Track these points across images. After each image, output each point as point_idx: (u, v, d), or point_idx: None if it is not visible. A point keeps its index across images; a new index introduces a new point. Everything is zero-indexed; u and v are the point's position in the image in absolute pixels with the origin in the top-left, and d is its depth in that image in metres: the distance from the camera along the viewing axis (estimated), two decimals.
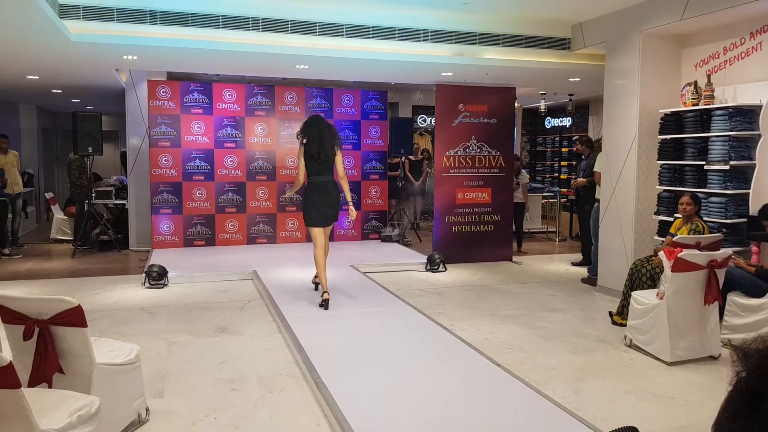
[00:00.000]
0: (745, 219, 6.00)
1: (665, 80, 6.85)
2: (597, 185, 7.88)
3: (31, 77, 9.22)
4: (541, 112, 13.83)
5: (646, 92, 6.78)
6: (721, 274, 4.94)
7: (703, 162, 6.31)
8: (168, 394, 4.18)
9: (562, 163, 14.98)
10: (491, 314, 6.31)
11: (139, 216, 10.10)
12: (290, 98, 10.13)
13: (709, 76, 6.42)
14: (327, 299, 6.12)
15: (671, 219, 6.37)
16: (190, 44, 6.89)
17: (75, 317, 3.13)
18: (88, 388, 3.17)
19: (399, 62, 7.76)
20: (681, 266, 4.75)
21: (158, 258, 8.32)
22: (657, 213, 6.79)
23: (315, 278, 6.79)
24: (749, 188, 5.91)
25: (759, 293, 5.12)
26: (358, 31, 7.32)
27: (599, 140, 8.49)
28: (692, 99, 6.50)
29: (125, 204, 10.46)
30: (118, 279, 7.89)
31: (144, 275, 7.46)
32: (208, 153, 9.76)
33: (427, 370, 4.51)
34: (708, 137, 6.29)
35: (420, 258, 8.89)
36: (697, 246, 5.16)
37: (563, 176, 14.70)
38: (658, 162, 6.80)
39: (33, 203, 13.20)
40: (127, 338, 4.67)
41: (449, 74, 8.68)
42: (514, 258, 9.45)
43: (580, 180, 8.68)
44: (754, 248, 5.87)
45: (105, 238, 10.15)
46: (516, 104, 10.33)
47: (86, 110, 11.13)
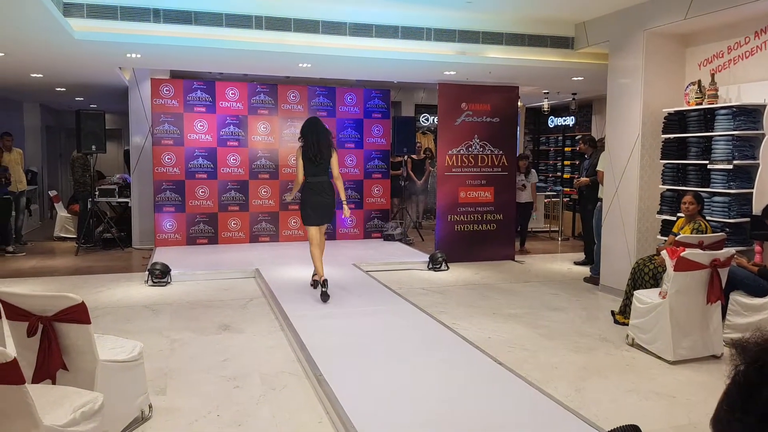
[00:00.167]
0: (749, 218, 5.99)
1: (669, 79, 6.84)
2: (600, 184, 7.88)
3: (35, 75, 9.24)
4: (544, 111, 13.82)
5: (650, 91, 6.77)
6: (724, 274, 4.94)
7: (707, 161, 6.30)
8: (171, 392, 4.19)
9: (565, 163, 14.96)
10: (493, 313, 6.32)
11: (142, 214, 10.12)
12: (293, 97, 10.13)
13: (713, 76, 6.41)
14: (325, 280, 6.49)
15: (674, 218, 6.36)
16: (194, 42, 6.90)
17: (79, 314, 3.14)
18: (92, 385, 3.18)
19: (402, 61, 7.77)
20: (684, 265, 4.75)
21: (161, 256, 8.34)
22: (660, 212, 6.79)
23: (313, 278, 6.89)
24: (752, 188, 5.90)
25: (762, 293, 5.11)
26: (361, 30, 7.32)
27: (602, 139, 8.49)
28: (696, 98, 6.49)
29: (128, 202, 10.48)
30: (121, 277, 7.91)
31: (147, 273, 7.48)
32: (211, 151, 9.77)
33: (429, 369, 4.52)
34: (711, 136, 6.28)
35: (422, 257, 8.89)
36: (700, 245, 5.16)
37: (566, 175, 14.68)
38: (662, 161, 6.79)
39: (36, 201, 13.23)
40: (130, 335, 4.69)
41: (452, 73, 8.68)
42: (517, 257, 9.45)
43: (583, 179, 8.67)
44: (757, 248, 5.86)
45: (108, 236, 10.18)
46: (519, 103, 10.32)
47: (90, 108, 11.16)
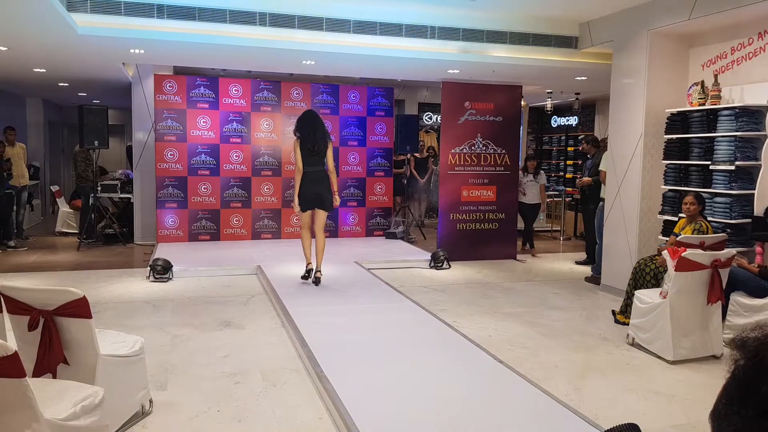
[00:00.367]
0: (750, 219, 5.98)
1: (672, 80, 6.83)
2: (602, 184, 7.88)
3: (38, 70, 9.25)
4: (548, 111, 13.80)
5: (653, 91, 6.77)
6: (725, 274, 4.94)
7: (709, 162, 6.30)
8: (171, 387, 4.21)
9: (568, 162, 14.96)
10: (494, 311, 6.32)
11: (144, 210, 10.14)
12: (296, 94, 10.14)
13: (716, 76, 6.40)
14: (311, 269, 7.01)
15: (676, 219, 6.36)
16: (197, 39, 6.90)
17: (80, 308, 3.15)
18: (92, 379, 3.19)
19: (405, 59, 7.76)
20: (684, 266, 4.75)
21: (163, 252, 8.36)
22: (662, 212, 6.78)
23: (315, 273, 7.04)
24: (754, 189, 5.90)
25: (762, 293, 5.11)
26: (365, 27, 7.32)
27: (605, 139, 8.48)
28: (699, 99, 6.48)
29: (130, 198, 10.50)
30: (123, 272, 7.93)
31: (149, 269, 7.49)
32: (214, 148, 9.78)
33: (430, 366, 4.52)
34: (714, 137, 6.27)
35: (424, 255, 8.90)
36: (701, 246, 5.16)
37: (569, 175, 14.68)
38: (664, 162, 6.79)
39: (39, 196, 13.25)
40: (132, 331, 4.69)
41: (456, 71, 8.67)
42: (523, 257, 9.43)
43: (586, 179, 8.67)
44: (758, 248, 5.86)
45: (110, 232, 10.20)
46: (522, 102, 10.30)
47: (92, 104, 11.17)
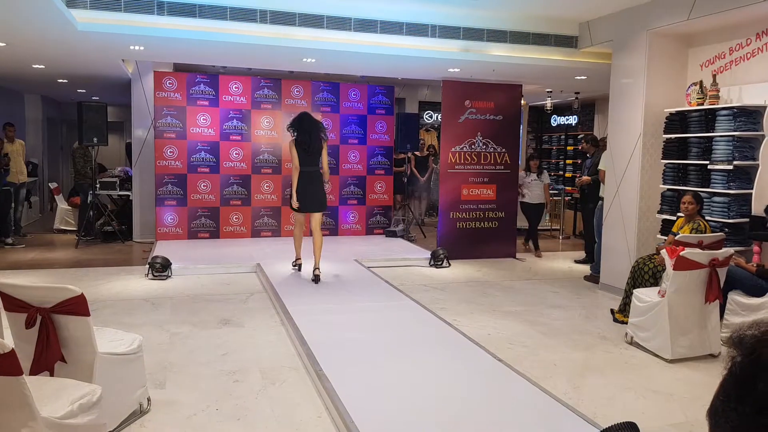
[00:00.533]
0: (748, 219, 5.99)
1: (671, 79, 6.84)
2: (601, 183, 7.89)
3: (37, 66, 9.23)
4: (547, 110, 13.80)
5: (652, 91, 6.77)
6: (723, 273, 4.94)
7: (707, 162, 6.31)
8: (170, 385, 4.21)
9: (567, 161, 14.95)
10: (494, 310, 6.33)
11: (144, 207, 10.13)
12: (297, 92, 10.13)
13: (715, 76, 6.40)
14: (300, 263, 7.51)
15: (674, 218, 6.37)
16: (197, 35, 6.89)
17: (78, 306, 3.14)
18: (90, 377, 3.19)
19: (406, 57, 7.75)
20: (683, 265, 4.76)
21: (162, 249, 8.35)
22: (660, 212, 6.79)
23: (314, 270, 7.12)
24: (752, 188, 5.91)
25: (759, 292, 5.12)
26: (366, 25, 7.32)
27: (604, 138, 8.48)
28: (697, 99, 6.49)
29: (129, 195, 10.49)
30: (122, 270, 7.92)
31: (147, 266, 7.49)
32: (214, 145, 9.77)
33: (429, 365, 4.53)
34: (712, 137, 6.29)
35: (424, 253, 8.90)
36: (700, 245, 5.17)
37: (568, 174, 14.67)
38: (662, 161, 6.79)
39: (37, 193, 13.24)
40: (130, 329, 4.68)
41: (456, 70, 8.67)
42: (523, 257, 9.42)
43: (585, 178, 8.67)
44: (756, 248, 5.87)
45: (109, 229, 10.20)
46: (522, 101, 10.29)
47: (92, 101, 11.13)
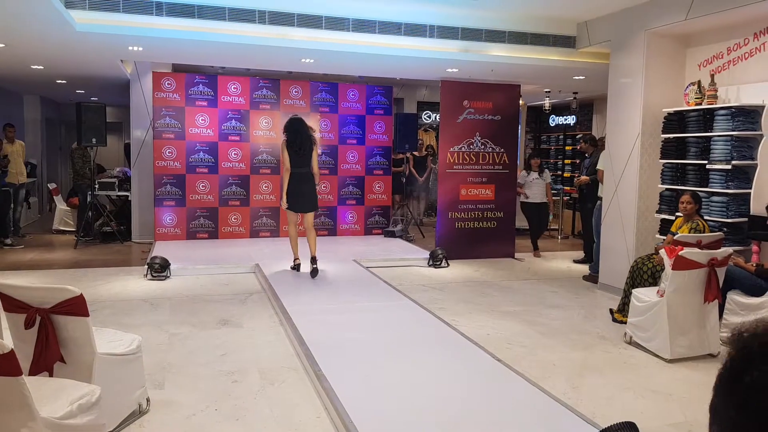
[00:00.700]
0: (746, 218, 6.00)
1: (669, 79, 6.84)
2: (600, 183, 7.89)
3: (36, 67, 9.23)
4: (546, 110, 13.81)
5: (650, 91, 6.78)
6: (721, 273, 4.95)
7: (706, 161, 6.32)
8: (169, 385, 4.21)
9: (566, 161, 14.97)
10: (492, 310, 6.33)
11: (142, 208, 10.12)
12: (295, 92, 10.13)
13: (713, 76, 6.41)
14: (299, 263, 7.56)
15: (673, 218, 6.38)
16: (196, 36, 6.89)
17: (77, 306, 3.14)
18: (89, 378, 3.19)
19: (405, 57, 7.75)
20: (682, 264, 4.77)
21: (161, 250, 8.35)
22: (659, 211, 6.80)
23: (311, 264, 7.40)
24: (750, 188, 5.92)
25: (758, 292, 5.12)
26: (364, 26, 7.32)
27: (603, 138, 8.49)
28: (695, 98, 6.50)
29: (128, 195, 10.48)
30: (120, 270, 7.92)
31: (146, 267, 7.48)
32: (212, 146, 9.77)
33: (428, 365, 4.53)
34: (710, 137, 6.29)
35: (423, 253, 8.91)
36: (698, 244, 5.17)
37: (566, 174, 14.69)
38: (661, 161, 6.80)
39: (36, 194, 13.23)
40: (129, 329, 4.68)
41: (454, 70, 8.67)
42: (522, 257, 9.41)
43: (583, 178, 8.68)
44: (755, 247, 5.88)
45: (107, 230, 10.19)
46: (520, 102, 10.31)
47: (90, 101, 11.14)
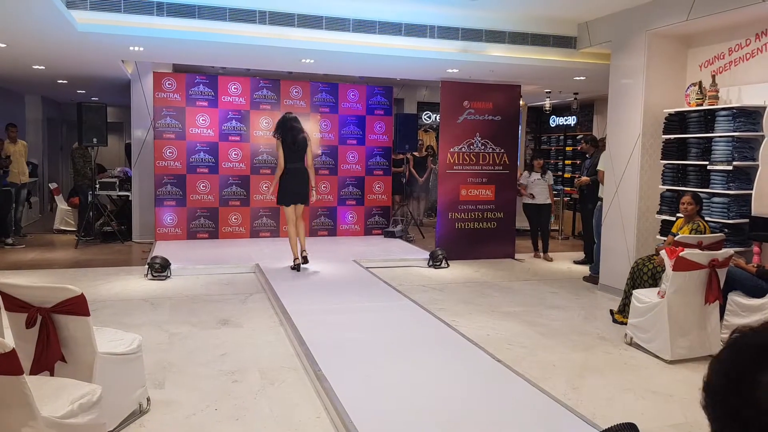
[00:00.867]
0: (748, 219, 6.00)
1: (670, 80, 6.84)
2: (600, 184, 7.89)
3: (37, 67, 9.24)
4: (546, 111, 13.81)
5: (651, 92, 6.78)
6: (722, 274, 4.94)
7: (707, 162, 6.31)
8: (169, 385, 4.21)
9: (566, 162, 14.97)
10: (492, 311, 6.33)
11: (143, 208, 10.13)
12: (296, 92, 10.14)
13: (714, 77, 6.41)
14: (299, 263, 7.56)
15: (673, 218, 6.37)
16: (197, 36, 6.90)
17: (78, 306, 3.15)
18: (90, 377, 3.19)
19: (405, 58, 7.76)
20: (682, 265, 4.76)
21: (161, 250, 8.35)
22: (659, 212, 6.80)
23: (295, 262, 7.66)
24: (752, 189, 5.91)
25: (759, 293, 5.12)
26: (365, 26, 7.32)
27: (604, 139, 8.49)
28: (697, 99, 6.49)
29: (129, 195, 10.49)
30: (121, 270, 7.92)
31: (147, 267, 7.49)
32: (213, 146, 9.78)
33: (428, 365, 4.53)
34: (712, 137, 6.29)
35: (422, 254, 8.90)
36: (699, 245, 5.17)
37: (567, 175, 14.69)
38: (662, 161, 6.80)
39: (37, 194, 13.24)
40: (129, 329, 4.67)
41: (455, 71, 8.67)
42: (526, 259, 9.39)
43: (584, 178, 8.67)
44: (756, 248, 5.87)
45: (108, 230, 10.20)
46: (521, 102, 10.31)
47: (91, 101, 11.15)
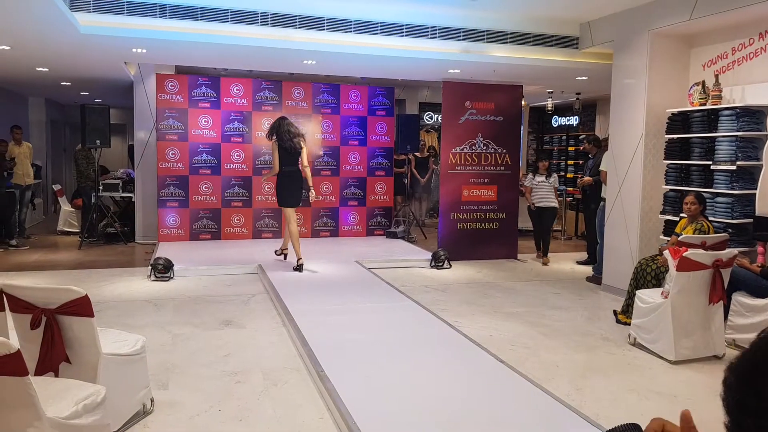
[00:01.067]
0: (752, 219, 5.98)
1: (673, 80, 6.83)
2: (603, 184, 7.88)
3: (41, 69, 9.26)
4: (548, 111, 13.80)
5: (654, 92, 6.77)
6: (726, 274, 4.93)
7: (710, 162, 6.30)
8: (172, 386, 4.21)
9: (569, 162, 14.95)
10: (495, 311, 6.32)
11: (146, 209, 10.15)
12: (297, 93, 10.15)
13: (717, 77, 6.40)
14: (302, 264, 7.63)
15: (677, 219, 6.36)
16: (199, 38, 6.91)
17: (82, 307, 3.15)
18: (94, 378, 3.20)
19: (406, 59, 7.76)
20: (686, 265, 4.75)
21: (164, 251, 8.36)
22: (663, 212, 6.78)
23: (281, 250, 8.16)
24: (756, 189, 5.89)
25: (764, 293, 5.11)
26: (366, 27, 7.32)
27: (606, 139, 8.48)
28: (700, 99, 6.48)
29: (132, 197, 10.50)
30: (124, 271, 7.93)
31: (150, 268, 7.50)
32: (215, 147, 9.79)
33: (430, 366, 4.53)
34: (715, 137, 6.28)
35: (425, 255, 8.90)
36: (703, 246, 5.16)
37: (569, 175, 14.67)
38: (665, 161, 6.79)
39: (41, 195, 13.27)
40: (133, 330, 4.69)
41: (456, 71, 8.67)
42: (528, 260, 9.38)
43: (587, 179, 8.67)
44: (760, 248, 5.86)
45: (111, 231, 10.21)
46: (523, 102, 10.30)
47: (95, 103, 11.17)
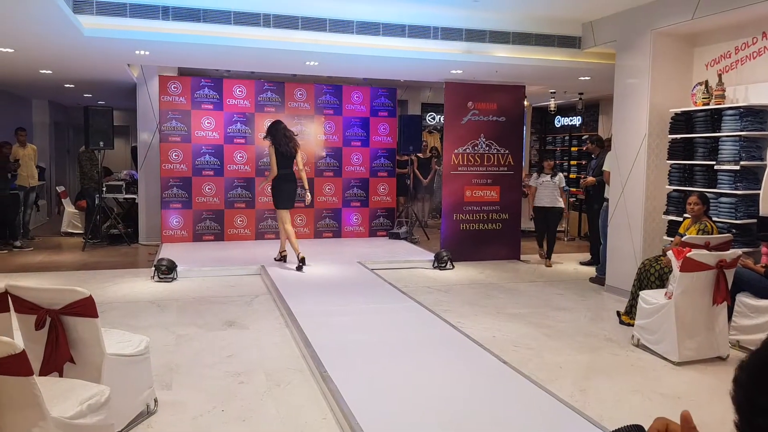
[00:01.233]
0: (755, 219, 5.97)
1: (676, 79, 6.82)
2: (606, 184, 7.87)
3: (44, 72, 9.29)
4: (551, 111, 13.79)
5: (657, 91, 6.76)
6: (730, 275, 4.92)
7: (714, 162, 6.29)
8: (176, 386, 4.22)
9: (572, 162, 14.94)
10: (498, 312, 6.32)
11: (149, 210, 10.17)
12: (300, 95, 10.16)
13: (721, 76, 6.39)
14: (303, 258, 7.71)
15: (680, 219, 6.35)
16: (202, 40, 6.92)
17: (86, 307, 3.17)
18: (98, 378, 3.21)
19: (408, 59, 7.77)
20: (690, 266, 4.74)
21: (167, 252, 8.38)
22: (666, 213, 6.77)
23: (280, 253, 8.19)
24: (759, 189, 5.88)
25: None
26: (368, 28, 7.33)
27: (609, 139, 8.47)
28: (703, 98, 6.47)
29: (135, 198, 10.53)
30: (128, 272, 7.95)
31: (153, 269, 7.51)
32: (218, 148, 9.80)
33: (433, 367, 4.53)
34: (718, 137, 6.26)
35: (427, 255, 8.90)
36: (707, 246, 5.15)
37: (572, 175, 14.65)
38: (668, 161, 6.78)
39: (44, 197, 13.30)
40: (137, 330, 4.70)
41: (459, 72, 8.67)
42: (531, 260, 9.36)
43: (590, 179, 8.66)
44: (764, 249, 5.84)
45: (115, 232, 10.23)
46: (525, 102, 10.30)
47: (98, 105, 11.20)
